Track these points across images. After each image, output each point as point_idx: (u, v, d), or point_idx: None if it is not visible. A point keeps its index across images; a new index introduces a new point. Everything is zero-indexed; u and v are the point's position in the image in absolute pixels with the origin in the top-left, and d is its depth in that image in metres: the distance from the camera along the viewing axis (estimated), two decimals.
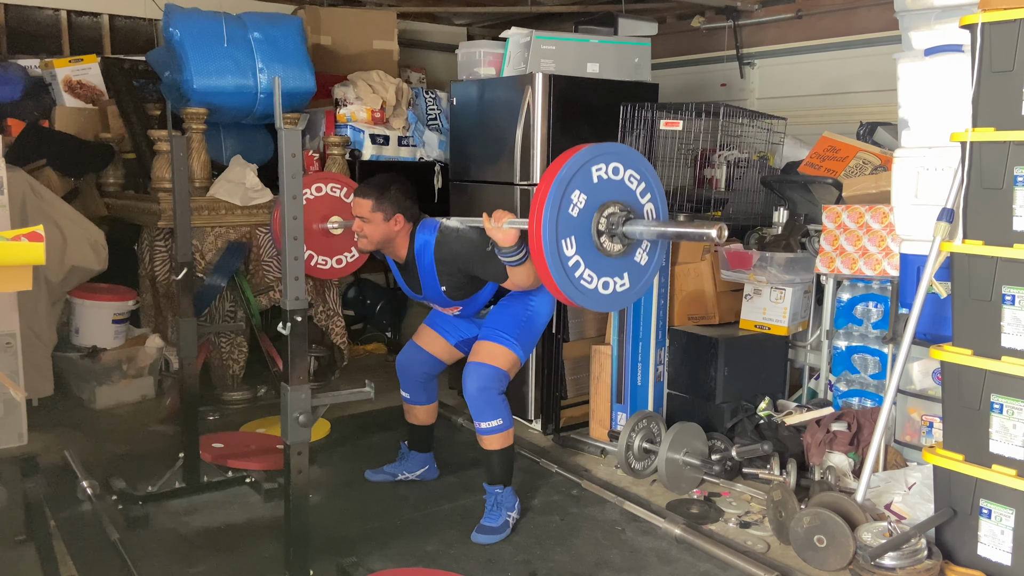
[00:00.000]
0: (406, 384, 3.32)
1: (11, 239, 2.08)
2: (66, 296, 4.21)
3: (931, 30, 2.96)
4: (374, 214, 2.93)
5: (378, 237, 2.97)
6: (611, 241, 2.31)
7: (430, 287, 3.02)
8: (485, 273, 2.90)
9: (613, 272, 2.36)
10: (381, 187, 2.95)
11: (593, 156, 2.26)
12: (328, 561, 2.60)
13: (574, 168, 2.22)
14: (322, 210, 3.50)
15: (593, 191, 2.26)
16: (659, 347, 3.67)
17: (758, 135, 4.05)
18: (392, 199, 2.94)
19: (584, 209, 2.26)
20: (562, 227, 2.22)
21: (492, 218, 2.61)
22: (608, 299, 2.39)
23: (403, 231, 2.99)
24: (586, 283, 2.31)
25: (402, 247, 3.02)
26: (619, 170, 2.32)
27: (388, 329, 5.42)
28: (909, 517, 2.82)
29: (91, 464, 3.35)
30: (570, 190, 2.22)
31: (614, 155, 2.31)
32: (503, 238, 2.62)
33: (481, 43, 4.22)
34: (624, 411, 3.67)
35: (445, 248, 2.93)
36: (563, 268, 2.25)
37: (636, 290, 2.43)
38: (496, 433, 2.96)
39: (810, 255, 3.63)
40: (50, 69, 4.70)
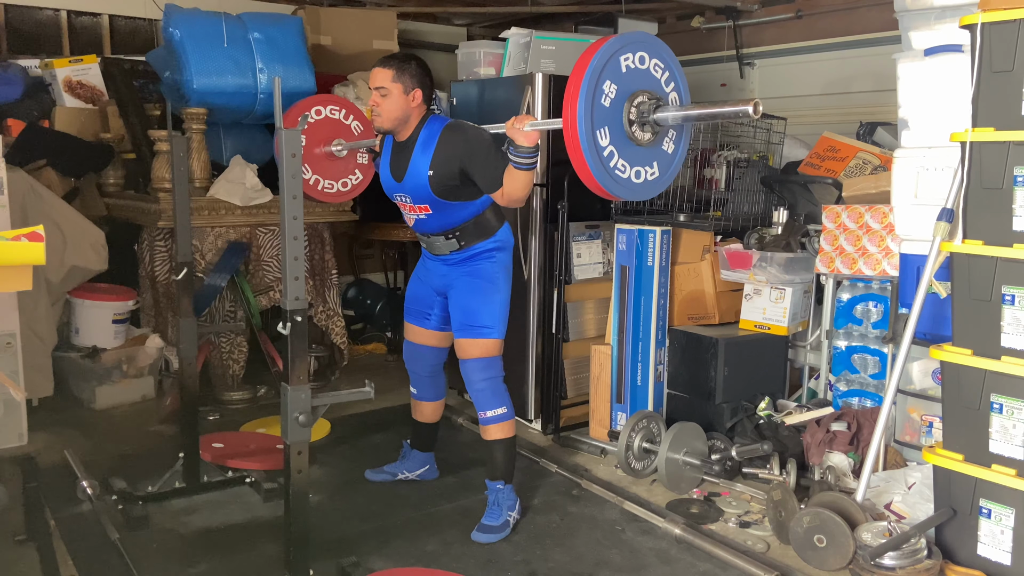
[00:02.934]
0: (414, 380, 3.33)
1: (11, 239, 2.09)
2: (66, 296, 4.21)
3: (931, 30, 2.96)
4: (394, 84, 2.86)
5: (396, 113, 2.89)
6: (642, 130, 2.32)
7: (416, 171, 2.90)
8: (483, 173, 2.81)
9: (644, 161, 2.38)
10: (403, 59, 2.92)
11: (622, 45, 2.26)
12: (328, 561, 2.60)
13: (604, 58, 2.22)
14: (324, 133, 3.46)
15: (623, 81, 2.26)
16: (659, 347, 3.67)
17: (758, 135, 4.05)
18: (413, 73, 2.89)
19: (615, 99, 2.26)
20: (597, 118, 2.22)
21: (514, 120, 2.60)
22: (641, 187, 2.40)
23: (418, 110, 2.93)
24: (620, 172, 2.33)
25: (411, 126, 2.95)
26: (645, 59, 2.32)
27: (388, 329, 5.42)
28: (909, 517, 2.82)
29: (91, 464, 3.35)
30: (602, 80, 2.22)
31: (640, 44, 2.31)
32: (524, 138, 2.60)
33: (481, 43, 4.23)
34: (624, 411, 3.67)
35: (456, 132, 2.87)
36: (600, 158, 2.26)
37: (665, 178, 2.46)
38: (500, 422, 2.98)
39: (810, 255, 3.63)
40: (50, 69, 4.70)
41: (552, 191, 3.76)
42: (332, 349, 4.69)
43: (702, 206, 3.82)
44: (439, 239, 3.03)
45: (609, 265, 3.97)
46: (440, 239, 3.03)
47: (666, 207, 3.83)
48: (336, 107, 3.48)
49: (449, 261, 3.07)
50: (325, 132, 3.42)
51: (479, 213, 2.99)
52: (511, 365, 3.20)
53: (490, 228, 3.03)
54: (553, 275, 3.81)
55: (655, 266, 3.61)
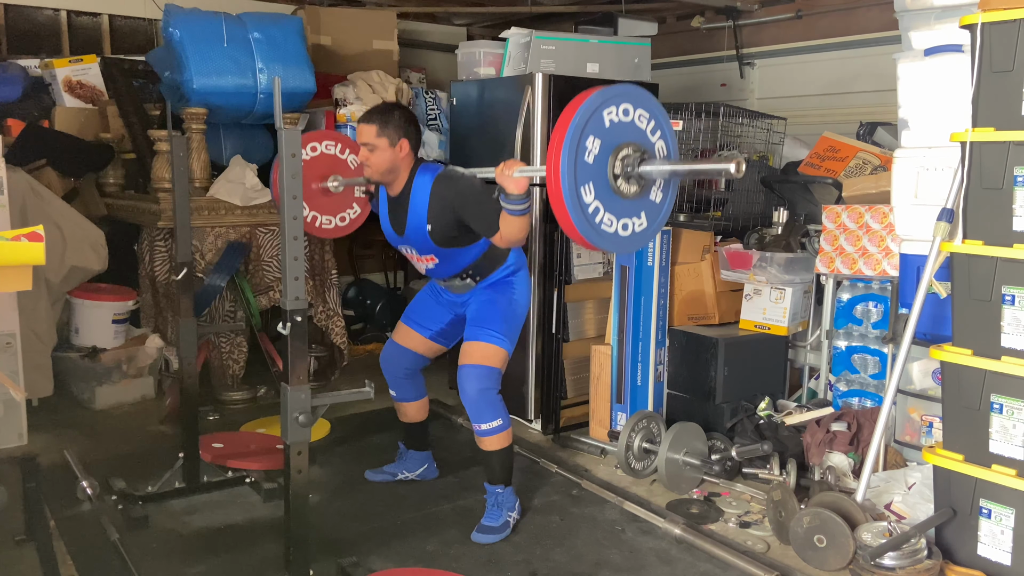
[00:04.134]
0: (391, 381, 3.32)
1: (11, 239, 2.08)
2: (66, 296, 4.21)
3: (931, 30, 2.96)
4: (379, 139, 2.88)
5: (384, 165, 2.91)
6: (627, 183, 2.32)
7: (415, 226, 2.94)
8: (478, 221, 2.83)
9: (631, 213, 2.37)
10: (385, 112, 2.93)
11: (604, 100, 2.25)
12: (328, 561, 2.60)
13: (587, 114, 2.21)
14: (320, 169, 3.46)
15: (606, 135, 2.25)
16: (659, 347, 3.67)
17: (758, 135, 4.05)
18: (397, 124, 2.90)
19: (599, 154, 2.25)
20: (580, 174, 2.21)
21: (503, 165, 2.59)
22: (628, 240, 2.40)
23: (407, 159, 2.94)
24: (606, 227, 2.32)
25: (402, 179, 2.96)
26: (629, 111, 2.31)
27: (388, 329, 5.42)
28: (909, 517, 2.82)
29: (91, 464, 3.35)
30: (584, 137, 2.21)
31: (623, 96, 2.30)
32: (513, 185, 2.59)
33: (481, 43, 4.22)
34: (624, 411, 3.67)
35: (446, 183, 2.88)
36: (584, 215, 2.25)
37: (653, 228, 2.45)
38: (496, 434, 2.96)
39: (810, 255, 3.63)
40: (50, 69, 4.70)
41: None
42: (332, 349, 4.69)
43: (702, 206, 3.81)
44: (454, 281, 3.10)
45: (609, 265, 3.97)
46: (456, 281, 3.10)
47: None
48: (331, 142, 3.49)
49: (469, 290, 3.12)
50: (321, 168, 3.43)
51: (486, 250, 3.00)
52: (511, 365, 3.19)
53: (501, 256, 3.06)
54: (553, 275, 3.81)
55: (655, 266, 3.61)
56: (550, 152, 2.20)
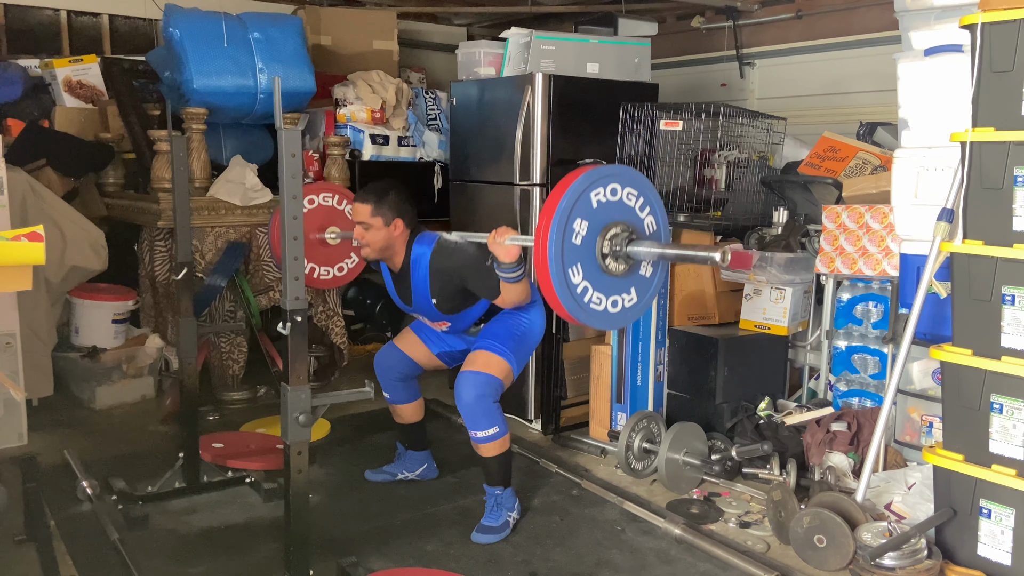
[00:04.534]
0: (384, 383, 3.30)
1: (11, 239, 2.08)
2: (66, 296, 4.21)
3: (931, 30, 2.96)
4: (374, 219, 2.93)
5: (380, 244, 2.97)
6: (616, 262, 2.33)
7: (421, 298, 3.02)
8: (478, 287, 2.89)
9: (620, 290, 2.38)
10: (380, 192, 2.96)
11: (591, 183, 2.26)
12: (328, 561, 2.60)
13: (573, 198, 2.23)
14: (317, 221, 3.48)
15: (594, 216, 2.27)
16: (659, 347, 3.67)
17: (758, 135, 4.04)
18: (391, 204, 2.94)
19: (587, 236, 2.27)
20: (567, 257, 2.23)
21: (495, 233, 2.61)
22: (618, 316, 2.41)
23: (402, 236, 2.99)
24: (596, 306, 2.33)
25: (399, 255, 3.02)
26: (617, 190, 2.33)
27: (388, 329, 5.42)
28: (909, 517, 2.82)
29: (91, 464, 3.35)
30: (571, 220, 2.23)
31: (611, 177, 2.31)
32: (504, 254, 2.62)
33: (481, 43, 4.22)
34: (624, 411, 3.67)
35: (442, 258, 2.92)
36: (572, 296, 2.27)
37: (644, 302, 2.45)
38: (493, 441, 2.93)
39: (810, 255, 3.63)
40: (50, 69, 4.70)
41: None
42: (332, 349, 4.68)
43: (702, 206, 3.81)
44: (470, 329, 3.15)
45: None
46: (471, 328, 3.15)
47: (666, 207, 3.81)
48: (328, 193, 3.51)
49: None
50: (318, 220, 3.45)
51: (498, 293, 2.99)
52: None
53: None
54: None
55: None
56: (537, 236, 2.22)
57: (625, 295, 2.39)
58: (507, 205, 3.89)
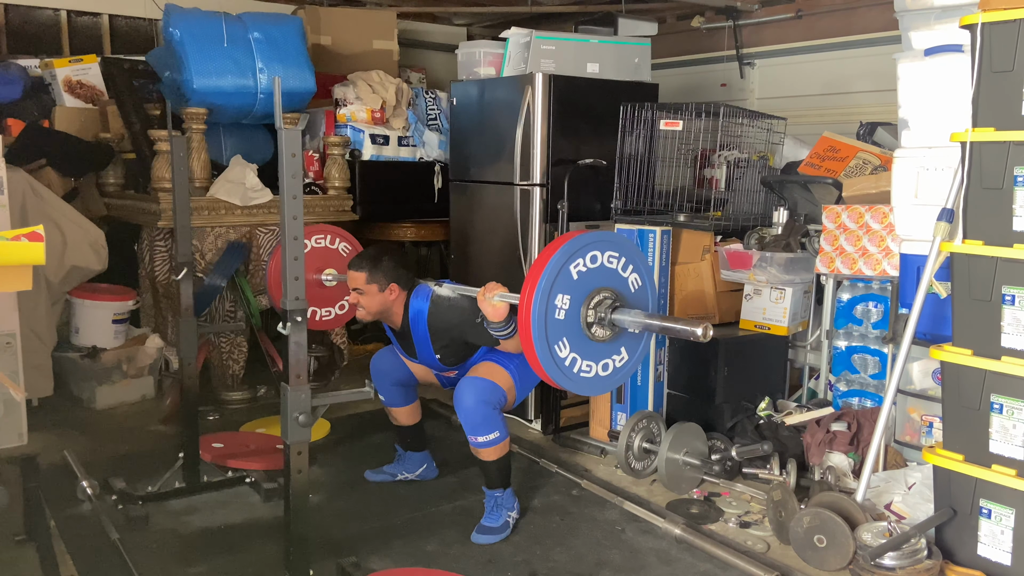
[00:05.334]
0: (380, 387, 3.30)
1: (11, 239, 2.08)
2: (66, 296, 4.21)
3: (931, 30, 2.96)
4: (369, 286, 2.97)
5: (375, 308, 3.01)
6: (602, 329, 2.32)
7: (425, 353, 3.06)
8: (477, 340, 2.93)
9: (610, 353, 2.37)
10: (374, 259, 2.99)
11: (569, 256, 2.25)
12: (328, 561, 2.60)
13: (553, 275, 2.21)
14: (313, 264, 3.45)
15: (575, 287, 2.26)
16: (659, 347, 3.67)
17: (758, 135, 4.04)
18: (385, 270, 2.98)
19: (570, 309, 2.26)
20: (552, 334, 2.22)
21: (484, 290, 2.63)
22: (609, 379, 2.41)
23: (398, 299, 3.03)
24: (586, 374, 2.33)
25: (397, 315, 3.06)
26: (597, 257, 2.31)
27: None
28: (909, 517, 2.82)
29: (91, 464, 3.35)
30: (553, 297, 2.22)
31: (589, 246, 2.29)
32: (492, 312, 2.63)
33: (481, 43, 4.22)
34: (624, 411, 3.66)
35: (438, 317, 2.96)
36: (561, 370, 2.26)
37: (635, 359, 2.45)
38: (493, 446, 2.92)
39: (810, 255, 3.63)
40: (50, 69, 4.70)
41: (552, 191, 3.77)
42: (332, 349, 4.68)
43: (702, 206, 3.81)
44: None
45: None
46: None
47: (666, 207, 3.83)
48: (321, 235, 3.51)
49: None
50: (314, 262, 3.43)
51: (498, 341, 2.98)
52: None
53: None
54: None
55: (655, 266, 3.61)
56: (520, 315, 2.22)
57: (615, 356, 2.39)
58: (507, 205, 3.89)
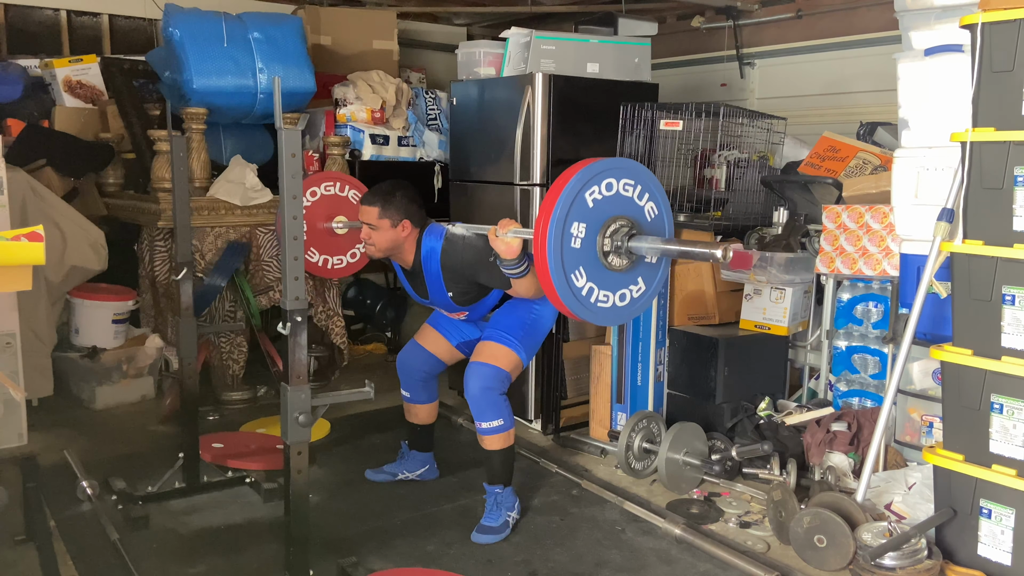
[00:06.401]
0: (406, 383, 3.33)
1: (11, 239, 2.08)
2: (66, 296, 4.21)
3: (931, 30, 2.96)
4: (381, 221, 2.94)
5: (386, 244, 2.98)
6: (619, 258, 2.30)
7: (437, 293, 3.04)
8: (490, 281, 2.91)
9: (627, 283, 2.35)
10: (387, 193, 2.96)
11: (584, 183, 2.22)
12: (328, 561, 2.60)
13: (568, 203, 2.19)
14: (323, 211, 3.48)
15: (591, 216, 2.24)
16: (659, 347, 3.67)
17: (758, 135, 4.05)
18: (398, 205, 2.95)
19: (586, 238, 2.24)
20: (568, 263, 2.20)
21: (497, 227, 2.61)
22: (627, 309, 2.39)
23: (410, 237, 3.00)
24: (603, 304, 2.31)
25: (409, 252, 3.03)
26: (612, 184, 2.29)
27: (388, 329, 5.42)
28: (909, 517, 2.82)
29: (91, 464, 3.35)
30: (568, 225, 2.19)
31: (604, 173, 2.27)
32: (505, 249, 2.62)
33: (481, 43, 4.22)
34: (624, 411, 3.67)
35: (451, 256, 2.93)
36: (578, 299, 2.24)
37: (653, 290, 2.43)
38: (497, 433, 2.96)
39: (810, 255, 3.63)
40: (50, 69, 4.70)
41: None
42: (332, 349, 4.68)
43: (702, 206, 3.81)
44: (488, 316, 3.17)
45: None
46: (489, 315, 3.16)
47: None
48: (330, 182, 3.50)
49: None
50: (324, 210, 3.43)
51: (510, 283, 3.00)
52: None
53: None
54: None
55: None
56: (535, 245, 2.19)
57: (632, 287, 2.37)
58: (507, 205, 3.89)
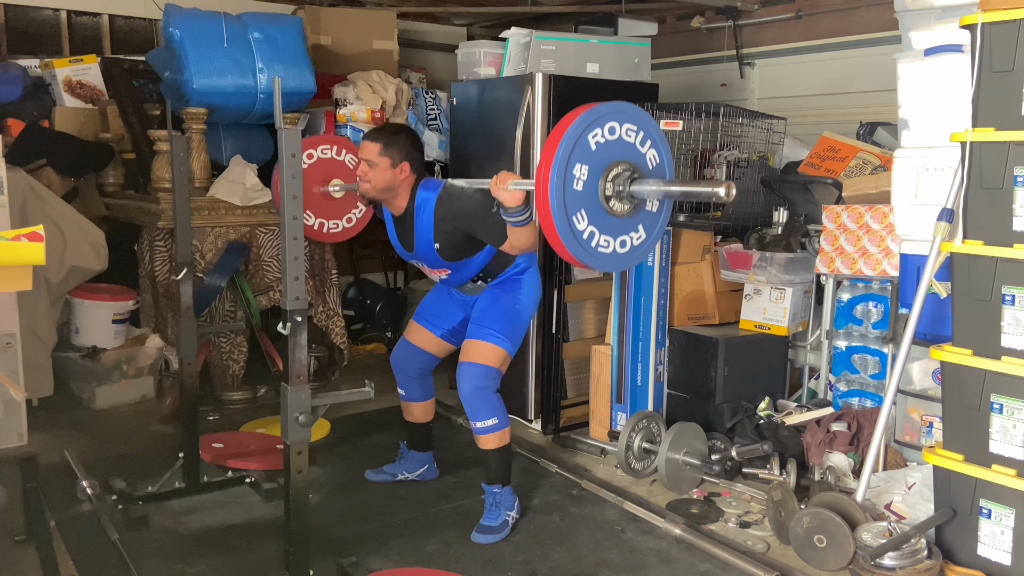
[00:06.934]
0: (402, 381, 3.33)
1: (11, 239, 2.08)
2: (66, 296, 4.21)
3: (931, 30, 2.96)
4: (381, 158, 2.89)
5: (382, 183, 2.92)
6: (620, 203, 2.30)
7: (423, 244, 2.97)
8: (485, 234, 2.85)
9: (628, 229, 2.34)
10: (391, 133, 2.94)
11: (588, 125, 2.21)
12: (328, 561, 2.60)
13: (571, 143, 2.17)
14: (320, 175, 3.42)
15: (593, 158, 2.22)
16: (659, 347, 3.67)
17: (758, 135, 4.04)
18: (401, 146, 2.91)
19: (588, 180, 2.22)
20: (570, 205, 2.18)
21: (496, 179, 2.58)
22: (627, 256, 2.38)
23: (407, 181, 2.95)
24: (604, 249, 2.30)
25: (403, 198, 2.97)
26: (615, 128, 2.27)
27: (388, 329, 5.42)
28: (909, 517, 2.82)
29: (91, 464, 3.35)
30: (571, 166, 2.18)
31: (608, 116, 2.26)
32: (509, 198, 2.58)
33: (481, 43, 4.22)
34: (624, 411, 3.67)
35: (447, 205, 2.89)
36: (579, 243, 2.23)
37: (653, 238, 2.42)
38: (492, 432, 2.96)
39: (810, 255, 3.63)
40: (50, 69, 4.70)
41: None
42: (332, 349, 4.69)
43: (702, 206, 3.81)
44: (467, 286, 3.13)
45: None
46: (468, 285, 3.12)
47: None
48: (327, 145, 3.47)
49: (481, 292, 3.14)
50: (320, 173, 3.41)
51: (495, 253, 3.00)
52: (512, 365, 3.19)
53: (511, 257, 3.05)
54: (553, 275, 3.81)
55: (655, 266, 3.61)
56: (537, 186, 2.18)
57: (633, 233, 2.36)
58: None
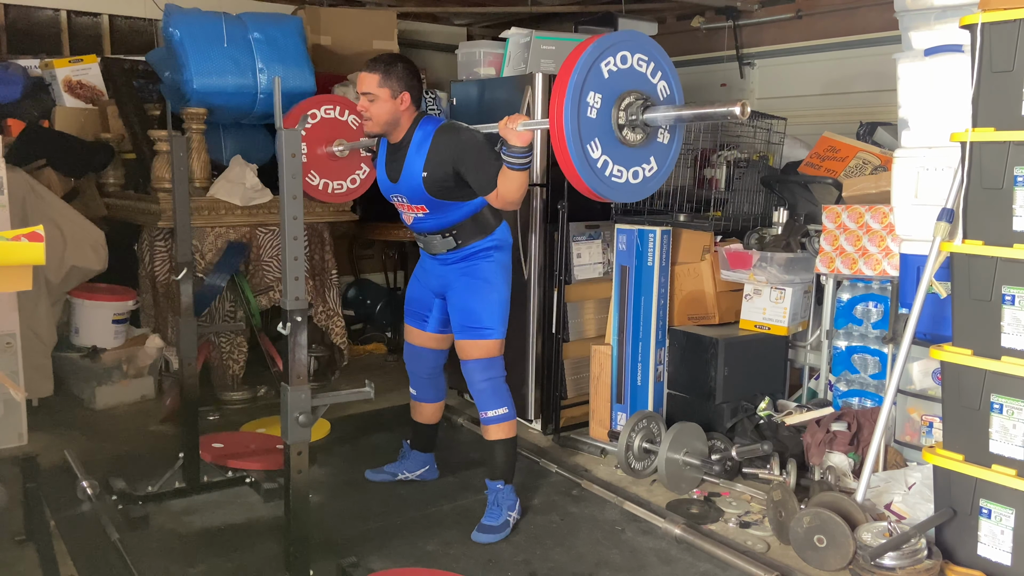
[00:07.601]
0: (414, 382, 3.34)
1: (11, 239, 2.08)
2: (66, 296, 4.21)
3: (931, 30, 2.96)
4: (381, 89, 2.84)
5: (385, 116, 2.87)
6: (633, 132, 2.31)
7: (411, 173, 2.89)
8: (476, 175, 2.78)
9: (640, 160, 2.36)
10: (388, 63, 2.89)
11: (600, 52, 2.22)
12: (328, 561, 2.59)
13: (584, 71, 2.18)
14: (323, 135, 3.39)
15: (606, 87, 2.24)
16: (659, 347, 3.67)
17: (758, 135, 4.04)
18: (400, 75, 2.87)
19: (601, 108, 2.24)
20: (584, 132, 2.20)
21: (507, 120, 2.56)
22: (640, 187, 2.40)
23: (408, 112, 2.91)
24: (617, 179, 2.32)
25: (402, 130, 2.93)
26: (627, 58, 2.29)
27: (388, 329, 5.42)
28: (909, 517, 2.82)
29: (91, 464, 3.35)
30: (584, 94, 2.19)
31: (619, 44, 2.27)
32: (517, 138, 2.55)
33: (481, 43, 4.22)
34: (624, 411, 3.67)
35: (447, 135, 2.85)
36: (593, 171, 2.25)
37: (664, 170, 2.45)
38: (501, 422, 2.99)
39: (810, 255, 3.63)
40: (50, 69, 4.70)
41: (552, 191, 3.76)
42: (332, 349, 4.69)
43: (702, 206, 3.81)
44: (436, 237, 3.03)
45: (609, 265, 3.97)
46: (437, 238, 3.02)
47: (666, 207, 3.83)
48: (330, 106, 3.46)
49: (447, 261, 3.06)
50: (324, 133, 3.40)
51: (476, 212, 2.98)
52: (511, 365, 3.20)
53: (488, 226, 3.02)
54: (553, 275, 3.81)
55: (655, 266, 3.61)
56: (552, 112, 2.19)
57: (645, 165, 2.38)
58: None
